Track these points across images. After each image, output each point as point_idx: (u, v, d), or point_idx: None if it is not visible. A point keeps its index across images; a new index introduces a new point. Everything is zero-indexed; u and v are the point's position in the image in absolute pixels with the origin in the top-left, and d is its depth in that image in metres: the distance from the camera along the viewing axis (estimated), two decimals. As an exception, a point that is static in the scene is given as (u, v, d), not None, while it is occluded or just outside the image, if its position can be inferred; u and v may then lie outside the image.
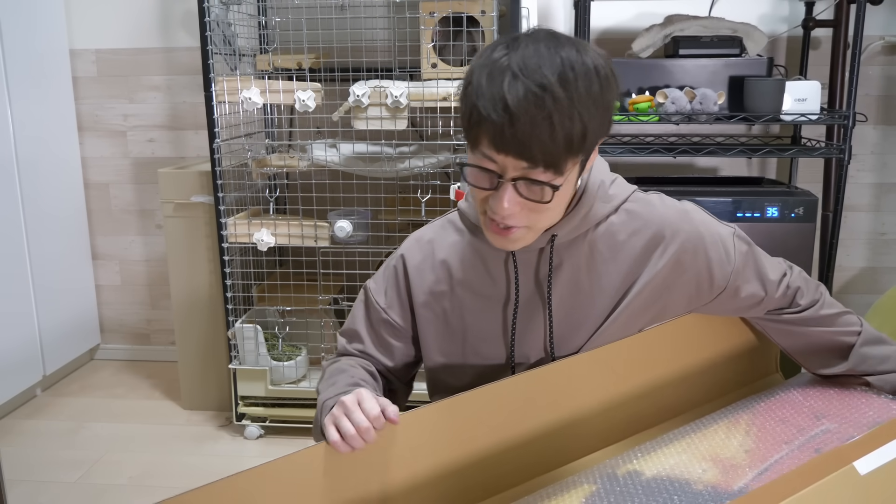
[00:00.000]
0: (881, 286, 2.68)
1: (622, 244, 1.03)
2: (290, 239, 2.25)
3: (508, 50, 0.87)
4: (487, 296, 1.07)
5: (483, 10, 2.10)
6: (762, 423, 1.02)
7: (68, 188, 2.83)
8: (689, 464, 0.94)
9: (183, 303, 2.49)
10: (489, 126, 0.85)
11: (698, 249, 1.03)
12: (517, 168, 0.87)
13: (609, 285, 1.03)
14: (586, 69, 0.86)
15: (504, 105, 0.84)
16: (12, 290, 2.52)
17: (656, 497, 0.88)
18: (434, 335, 1.11)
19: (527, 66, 0.84)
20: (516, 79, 0.84)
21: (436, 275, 1.09)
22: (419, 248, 1.12)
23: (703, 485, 0.89)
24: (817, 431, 0.97)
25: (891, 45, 2.51)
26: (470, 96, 0.88)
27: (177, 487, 2.12)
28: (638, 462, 0.96)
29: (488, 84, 0.85)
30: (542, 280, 1.04)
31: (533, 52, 0.85)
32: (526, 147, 0.84)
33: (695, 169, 2.64)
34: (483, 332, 1.08)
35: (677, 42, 2.22)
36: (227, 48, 2.30)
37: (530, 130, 0.83)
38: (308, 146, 2.26)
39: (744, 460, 0.94)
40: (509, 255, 1.04)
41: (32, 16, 2.61)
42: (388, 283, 1.13)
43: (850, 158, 2.11)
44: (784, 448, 0.96)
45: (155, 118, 2.83)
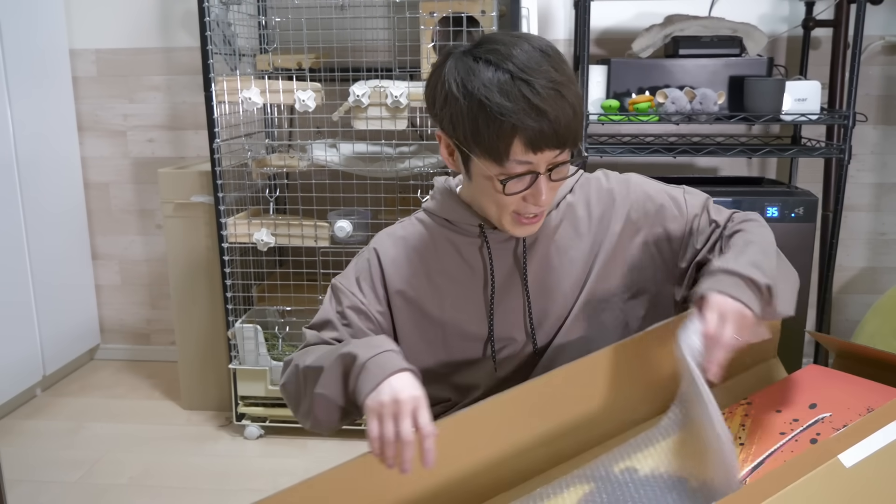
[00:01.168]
0: (881, 286, 2.68)
1: (581, 219, 1.12)
2: (290, 239, 2.25)
3: (491, 64, 0.94)
4: (465, 282, 1.11)
5: (483, 10, 2.10)
6: (757, 415, 1.02)
7: (68, 188, 2.83)
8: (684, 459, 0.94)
9: (183, 303, 2.49)
10: (526, 133, 0.93)
11: (647, 208, 1.13)
12: (549, 159, 0.96)
13: (577, 257, 1.11)
14: (558, 53, 0.98)
15: (537, 110, 0.92)
16: (12, 291, 2.52)
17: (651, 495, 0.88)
18: (413, 325, 1.13)
19: (528, 67, 0.93)
20: (529, 84, 0.92)
21: (412, 267, 1.12)
22: (392, 242, 1.14)
23: (699, 481, 0.89)
24: (813, 421, 0.98)
25: (891, 45, 2.51)
26: (493, 118, 0.93)
27: (177, 487, 2.13)
28: (633, 459, 0.96)
29: (506, 99, 0.92)
30: (518, 261, 1.10)
31: (523, 56, 0.94)
32: (561, 137, 0.94)
33: (695, 169, 2.64)
34: (463, 318, 1.12)
35: (677, 42, 2.22)
36: (227, 48, 2.30)
37: (562, 121, 0.93)
38: (308, 146, 2.26)
39: (738, 454, 0.94)
40: (483, 242, 1.10)
41: (32, 15, 2.61)
42: (361, 276, 1.13)
43: (850, 158, 2.11)
44: (780, 440, 0.96)
45: (155, 118, 2.83)
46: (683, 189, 1.17)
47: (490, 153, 0.96)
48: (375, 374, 0.90)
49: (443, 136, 1.03)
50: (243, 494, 2.08)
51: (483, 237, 1.10)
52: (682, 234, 1.13)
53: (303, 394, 1.04)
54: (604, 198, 1.13)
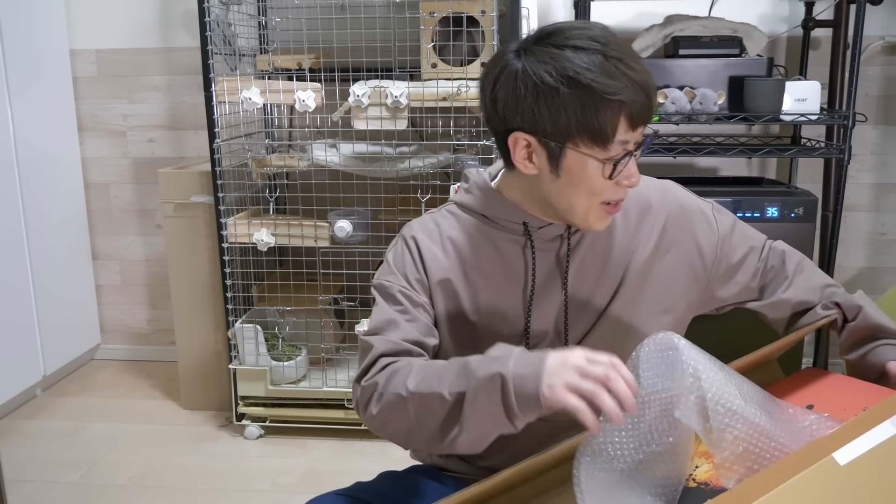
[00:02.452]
0: (881, 286, 2.68)
1: (617, 223, 1.11)
2: (290, 239, 2.25)
3: (580, 49, 0.94)
4: (500, 280, 1.09)
5: (483, 10, 2.10)
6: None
7: (68, 188, 2.83)
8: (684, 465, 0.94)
9: (183, 303, 2.49)
10: (632, 109, 0.94)
11: (681, 223, 1.13)
12: (638, 135, 0.98)
13: (611, 262, 1.10)
14: (609, 28, 0.99)
15: (639, 85, 0.94)
16: (12, 291, 2.52)
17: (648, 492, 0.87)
18: (447, 319, 1.10)
19: (616, 46, 0.95)
20: (624, 62, 0.94)
21: (448, 260, 1.10)
22: (427, 234, 1.11)
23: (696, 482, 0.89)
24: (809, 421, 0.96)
25: (891, 45, 2.51)
26: (603, 99, 0.93)
27: (177, 487, 2.13)
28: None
29: (611, 78, 0.93)
30: (560, 263, 1.09)
31: (599, 36, 0.95)
32: (652, 110, 0.97)
33: (695, 169, 2.64)
34: (496, 316, 1.10)
35: (677, 42, 2.22)
36: (227, 48, 2.30)
37: (652, 96, 0.96)
38: (308, 146, 2.26)
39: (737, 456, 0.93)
40: (527, 242, 1.08)
41: (32, 15, 2.61)
42: (407, 268, 1.09)
43: (849, 158, 2.11)
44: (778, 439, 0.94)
45: (155, 118, 2.83)
46: (712, 205, 1.17)
47: (598, 137, 0.95)
48: (530, 370, 0.84)
49: (521, 137, 0.99)
50: (243, 494, 2.08)
51: (527, 236, 1.08)
52: (714, 252, 1.14)
53: (425, 425, 0.93)
54: (641, 204, 1.12)
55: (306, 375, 2.41)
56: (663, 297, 1.12)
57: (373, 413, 0.97)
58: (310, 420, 2.36)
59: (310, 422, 2.37)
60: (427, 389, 0.91)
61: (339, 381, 2.34)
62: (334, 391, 2.31)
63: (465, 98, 2.08)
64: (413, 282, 1.08)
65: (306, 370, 2.42)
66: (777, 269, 1.19)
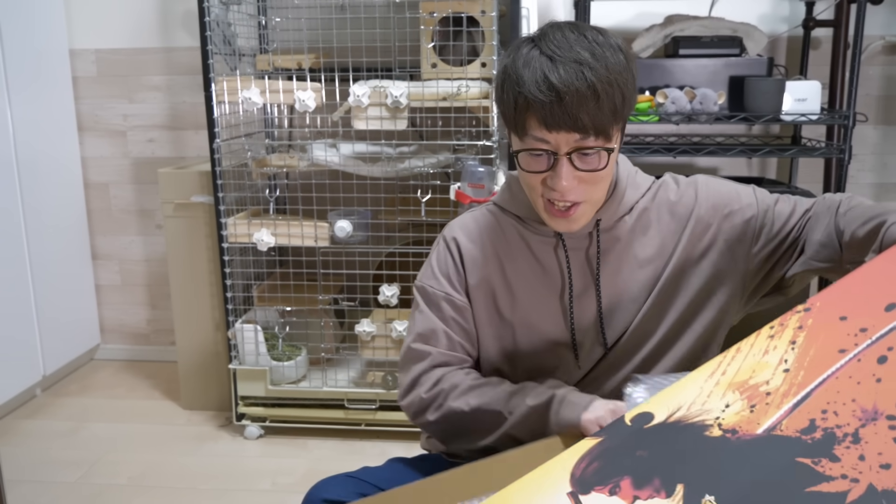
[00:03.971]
0: (881, 286, 2.68)
1: (653, 223, 1.11)
2: (290, 239, 2.25)
3: (535, 42, 0.96)
4: (538, 284, 1.11)
5: (483, 10, 2.10)
6: (815, 326, 0.80)
7: (68, 188, 2.83)
8: (710, 396, 0.78)
9: (183, 303, 2.49)
10: (538, 108, 0.93)
11: (717, 218, 1.09)
12: (570, 142, 0.95)
13: (647, 262, 1.10)
14: (610, 45, 0.95)
15: (549, 85, 0.92)
16: (12, 290, 2.52)
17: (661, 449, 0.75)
18: (487, 321, 1.13)
19: (559, 48, 0.93)
20: (553, 61, 0.93)
21: (487, 262, 1.12)
22: (466, 235, 1.14)
23: (721, 429, 0.75)
24: (887, 329, 0.76)
25: (891, 45, 2.51)
26: (511, 88, 0.95)
27: (177, 487, 2.12)
28: (651, 399, 0.82)
29: (528, 72, 0.93)
30: (591, 263, 1.10)
31: (560, 36, 0.95)
32: (577, 119, 0.92)
33: (695, 169, 2.64)
34: (534, 319, 1.11)
35: (677, 42, 2.22)
36: (227, 48, 2.30)
37: (577, 102, 0.91)
38: (308, 146, 2.26)
39: (780, 385, 0.76)
40: (559, 243, 1.09)
41: (32, 15, 2.61)
42: (449, 271, 1.13)
43: (850, 158, 2.11)
44: (838, 359, 0.76)
45: (155, 118, 2.83)
46: (753, 187, 1.14)
47: (514, 127, 0.98)
48: (578, 402, 0.99)
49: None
50: (243, 494, 2.08)
51: (559, 237, 1.09)
52: (757, 225, 1.08)
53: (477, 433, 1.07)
54: (675, 203, 1.12)
55: (306, 375, 2.41)
56: (699, 300, 1.11)
57: (429, 420, 1.09)
58: (310, 420, 2.36)
59: (310, 422, 2.37)
60: (488, 407, 1.05)
61: (339, 381, 2.34)
62: (334, 391, 2.31)
63: (465, 98, 2.08)
64: (456, 284, 1.12)
65: (306, 370, 2.42)
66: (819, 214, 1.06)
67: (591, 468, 0.76)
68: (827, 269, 1.03)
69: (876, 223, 0.92)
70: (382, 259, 2.46)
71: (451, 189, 2.16)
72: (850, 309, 0.79)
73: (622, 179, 1.10)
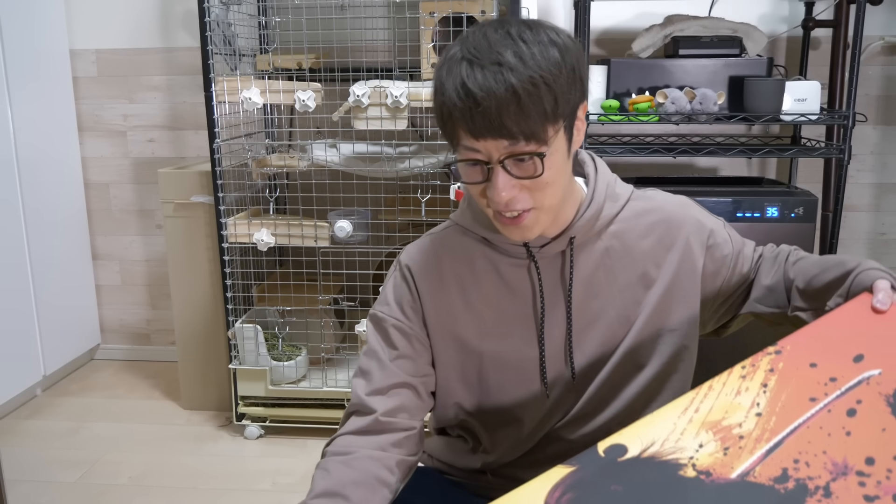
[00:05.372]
0: (881, 286, 2.68)
1: (635, 242, 1.04)
2: (290, 239, 2.25)
3: (460, 44, 0.89)
4: (507, 307, 1.04)
5: (483, 10, 2.10)
6: (786, 368, 0.82)
7: (68, 188, 2.83)
8: (684, 434, 0.79)
9: (183, 303, 2.49)
10: (459, 116, 0.87)
11: (701, 241, 1.06)
12: (500, 149, 0.88)
13: (627, 283, 1.04)
14: (538, 39, 0.87)
15: (466, 91, 0.85)
16: (12, 291, 2.52)
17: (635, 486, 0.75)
18: (448, 351, 1.06)
19: (478, 50, 0.86)
20: (471, 64, 0.86)
21: (445, 287, 1.05)
22: (423, 259, 1.07)
23: (695, 470, 0.75)
24: (856, 381, 0.78)
25: (891, 45, 2.51)
26: (437, 97, 0.90)
27: (177, 487, 2.13)
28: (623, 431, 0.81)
29: (448, 78, 0.87)
30: (564, 282, 1.04)
31: (482, 37, 0.88)
32: (500, 125, 0.85)
33: (695, 169, 2.64)
34: (504, 347, 1.05)
35: (677, 42, 2.22)
36: (227, 48, 2.30)
37: (497, 107, 0.84)
38: (308, 146, 2.26)
39: (752, 429, 0.77)
40: (531, 263, 1.03)
41: (32, 15, 2.61)
42: (403, 298, 1.06)
43: (849, 158, 2.11)
44: (809, 408, 0.78)
45: (155, 118, 2.83)
46: (723, 222, 1.11)
47: (447, 137, 0.92)
48: None
49: None
50: (243, 494, 2.08)
51: (530, 257, 1.02)
52: (731, 264, 1.07)
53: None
54: (659, 222, 1.05)
55: (306, 375, 2.41)
56: (678, 318, 1.06)
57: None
58: (310, 420, 2.36)
59: (310, 422, 2.37)
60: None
61: (339, 381, 2.34)
62: (334, 391, 2.31)
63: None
64: (409, 311, 1.05)
65: (306, 370, 2.42)
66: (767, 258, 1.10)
67: (565, 498, 0.75)
68: (769, 314, 1.04)
69: (841, 271, 0.92)
70: (382, 259, 2.46)
71: (451, 189, 2.16)
72: (819, 356, 0.81)
73: (599, 192, 1.03)
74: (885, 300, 0.83)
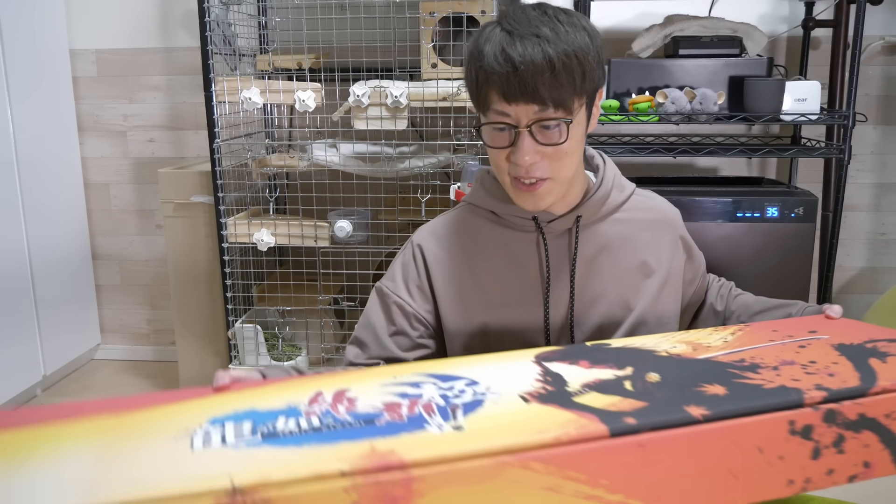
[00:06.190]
0: (881, 286, 2.68)
1: (637, 232, 1.12)
2: (290, 239, 2.25)
3: (498, 21, 0.97)
4: (514, 280, 1.09)
5: (483, 10, 2.10)
6: (751, 331, 0.97)
7: (68, 188, 2.83)
8: (662, 341, 0.93)
9: (183, 303, 2.49)
10: (496, 80, 0.94)
11: (684, 249, 1.18)
12: (529, 114, 0.95)
13: (628, 270, 1.10)
14: (572, 21, 0.96)
15: (506, 57, 0.93)
16: (12, 291, 2.52)
17: (614, 354, 0.88)
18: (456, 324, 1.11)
19: (518, 23, 0.95)
20: (511, 34, 0.94)
21: (454, 262, 1.10)
22: (433, 237, 1.13)
23: (667, 353, 0.88)
24: (807, 337, 0.94)
25: (891, 45, 2.51)
26: (473, 64, 0.97)
27: (177, 487, 2.12)
28: (611, 340, 0.95)
29: (488, 47, 0.95)
30: (570, 259, 1.09)
31: (521, 13, 0.96)
32: (534, 90, 0.93)
33: (695, 169, 2.64)
34: (511, 317, 1.10)
35: (677, 42, 2.22)
36: (227, 48, 2.30)
37: (534, 73, 0.92)
38: (308, 146, 2.26)
39: (720, 346, 0.92)
40: (539, 235, 1.08)
41: (32, 16, 2.61)
42: (409, 275, 1.11)
43: (850, 158, 2.11)
44: (768, 340, 0.93)
45: (155, 118, 2.83)
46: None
47: (477, 102, 0.99)
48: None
49: None
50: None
51: (539, 231, 1.09)
52: (697, 281, 1.21)
53: None
54: (658, 219, 1.14)
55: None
56: (671, 311, 1.14)
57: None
58: (310, 420, 2.36)
59: (310, 422, 2.36)
60: None
61: (339, 381, 2.34)
62: (334, 391, 2.31)
63: (465, 98, 2.08)
64: (413, 290, 1.11)
65: (306, 370, 2.41)
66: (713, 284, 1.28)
67: (554, 353, 0.88)
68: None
69: (784, 313, 1.09)
70: (382, 259, 2.46)
71: (451, 189, 2.16)
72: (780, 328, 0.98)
73: (608, 179, 1.10)
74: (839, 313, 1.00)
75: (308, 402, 0.76)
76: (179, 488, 0.60)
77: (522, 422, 0.70)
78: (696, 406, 0.73)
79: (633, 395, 0.76)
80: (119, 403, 0.79)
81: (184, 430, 0.71)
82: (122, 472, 0.65)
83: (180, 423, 0.73)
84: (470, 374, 0.82)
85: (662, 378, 0.80)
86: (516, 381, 0.80)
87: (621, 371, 0.82)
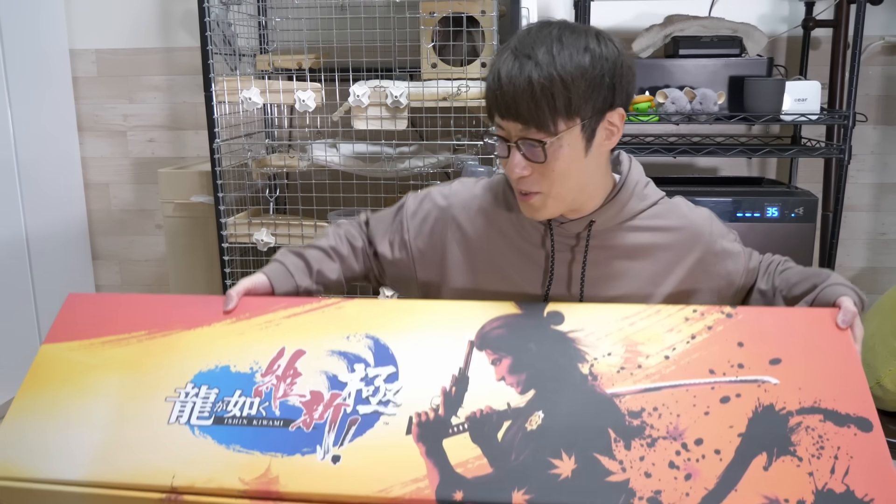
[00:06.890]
0: (881, 286, 2.68)
1: (653, 242, 1.12)
2: (290, 239, 2.25)
3: (519, 35, 1.01)
4: (516, 269, 1.14)
5: (483, 10, 2.10)
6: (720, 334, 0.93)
7: (68, 188, 2.82)
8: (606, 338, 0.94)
9: (183, 303, 2.49)
10: (489, 95, 1.01)
11: (719, 260, 1.15)
12: (516, 130, 1.00)
13: (644, 274, 1.12)
14: (576, 44, 0.98)
15: (497, 75, 0.99)
16: (13, 291, 2.52)
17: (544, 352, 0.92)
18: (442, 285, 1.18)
19: (523, 44, 0.99)
20: (514, 53, 0.99)
21: (473, 224, 1.17)
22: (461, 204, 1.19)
23: (590, 370, 0.91)
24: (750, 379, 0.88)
25: (891, 45, 2.51)
26: (487, 77, 1.03)
27: (177, 487, 2.12)
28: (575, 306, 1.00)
29: (495, 62, 1.01)
30: (578, 261, 1.11)
31: (525, 35, 1.00)
32: (513, 108, 0.98)
33: (695, 169, 2.64)
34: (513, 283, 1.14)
35: (677, 42, 2.22)
36: (227, 48, 2.30)
37: (514, 93, 0.97)
38: (308, 146, 2.26)
39: (652, 366, 0.90)
40: (547, 231, 1.11)
41: (32, 16, 2.61)
42: (427, 219, 1.19)
43: (850, 158, 2.11)
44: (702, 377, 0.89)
45: (155, 118, 2.83)
46: (735, 234, 1.21)
47: (488, 113, 1.05)
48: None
49: None
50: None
51: (548, 230, 1.11)
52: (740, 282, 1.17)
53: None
54: (681, 228, 1.13)
55: (306, 375, 2.40)
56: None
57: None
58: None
59: (310, 422, 2.36)
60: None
61: (339, 381, 2.34)
62: (334, 391, 2.31)
63: (465, 98, 2.08)
64: (424, 230, 1.19)
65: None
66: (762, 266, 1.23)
67: (497, 332, 0.95)
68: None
69: (811, 284, 1.07)
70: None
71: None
72: (750, 339, 0.93)
73: (627, 187, 1.11)
74: (847, 320, 0.97)
75: (266, 369, 0.96)
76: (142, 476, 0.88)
77: (385, 464, 0.83)
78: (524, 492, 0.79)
79: (494, 451, 0.83)
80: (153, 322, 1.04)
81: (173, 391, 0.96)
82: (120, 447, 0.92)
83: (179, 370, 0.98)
84: (402, 357, 0.93)
85: (542, 424, 0.85)
86: (428, 385, 0.90)
87: (516, 400, 0.87)
